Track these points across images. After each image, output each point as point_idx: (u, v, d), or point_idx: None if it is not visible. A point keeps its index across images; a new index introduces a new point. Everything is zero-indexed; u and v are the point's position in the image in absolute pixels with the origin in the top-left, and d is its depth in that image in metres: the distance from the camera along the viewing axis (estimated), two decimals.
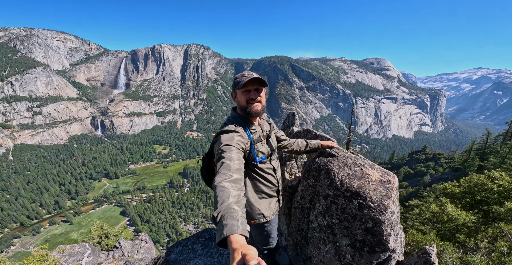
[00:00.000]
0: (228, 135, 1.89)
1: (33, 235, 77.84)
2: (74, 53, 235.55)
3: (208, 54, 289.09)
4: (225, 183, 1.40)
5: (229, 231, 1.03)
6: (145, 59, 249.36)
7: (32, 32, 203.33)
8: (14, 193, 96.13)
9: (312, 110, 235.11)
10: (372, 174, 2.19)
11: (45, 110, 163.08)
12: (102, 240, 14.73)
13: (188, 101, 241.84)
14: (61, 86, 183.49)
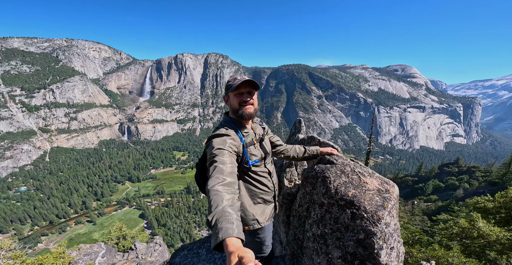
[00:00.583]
0: (220, 139, 1.88)
1: (59, 233, 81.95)
2: (107, 63, 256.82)
3: (227, 62, 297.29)
4: (218, 187, 1.39)
5: (225, 235, 1.03)
6: (168, 68, 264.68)
7: (73, 43, 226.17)
8: (47, 192, 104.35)
9: (331, 119, 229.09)
10: (370, 182, 2.11)
11: (80, 116, 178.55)
12: (120, 241, 15.23)
13: (207, 109, 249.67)
14: (95, 94, 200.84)
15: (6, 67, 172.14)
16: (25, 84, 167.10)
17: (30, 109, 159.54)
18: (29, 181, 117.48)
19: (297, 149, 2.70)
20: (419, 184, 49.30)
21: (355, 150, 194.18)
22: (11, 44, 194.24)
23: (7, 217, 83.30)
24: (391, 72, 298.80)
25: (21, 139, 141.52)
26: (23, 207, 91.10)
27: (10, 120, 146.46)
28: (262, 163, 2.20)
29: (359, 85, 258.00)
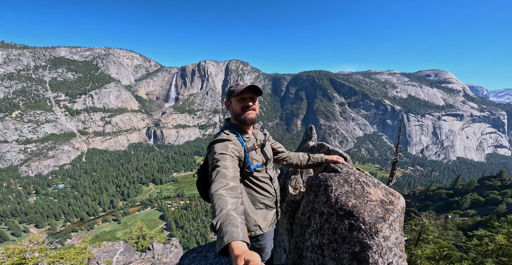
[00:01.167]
0: (221, 144, 1.90)
1: (87, 230, 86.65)
2: (138, 70, 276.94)
3: (247, 69, 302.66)
4: (221, 191, 1.40)
5: (230, 238, 1.03)
6: (192, 75, 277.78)
7: (110, 51, 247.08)
8: (81, 190, 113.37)
9: (354, 127, 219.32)
10: (374, 193, 2.03)
11: (114, 120, 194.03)
12: (139, 240, 15.74)
13: (228, 115, 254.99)
14: (127, 100, 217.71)
15: (54, 74, 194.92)
16: (69, 90, 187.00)
17: (72, 113, 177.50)
18: (66, 179, 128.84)
19: (300, 156, 2.67)
20: (454, 197, 46.89)
21: (380, 160, 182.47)
22: (59, 53, 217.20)
23: (44, 212, 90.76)
24: (423, 77, 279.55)
25: (63, 140, 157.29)
26: (59, 203, 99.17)
27: (55, 123, 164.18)
28: (263, 168, 2.21)
29: (386, 92, 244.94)
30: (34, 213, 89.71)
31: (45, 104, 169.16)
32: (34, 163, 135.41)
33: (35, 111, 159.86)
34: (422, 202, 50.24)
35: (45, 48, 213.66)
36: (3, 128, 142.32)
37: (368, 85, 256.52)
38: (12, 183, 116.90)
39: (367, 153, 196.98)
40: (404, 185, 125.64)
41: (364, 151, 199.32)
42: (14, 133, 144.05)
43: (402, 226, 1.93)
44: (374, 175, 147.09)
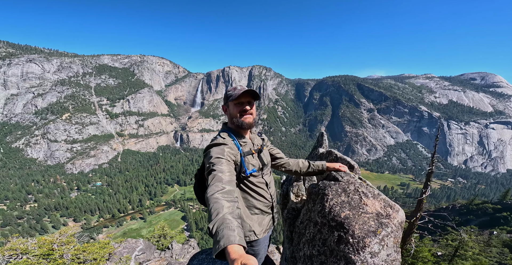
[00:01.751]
0: (217, 148, 1.89)
1: (117, 226, 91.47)
2: (168, 76, 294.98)
3: (270, 75, 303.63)
4: (217, 195, 1.40)
5: (227, 242, 1.03)
6: (216, 80, 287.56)
7: (144, 58, 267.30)
8: (115, 188, 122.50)
9: (384, 135, 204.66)
10: (371, 204, 1.93)
11: (146, 124, 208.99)
12: (161, 239, 16.19)
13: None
14: (158, 104, 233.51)
15: (98, 80, 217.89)
16: (110, 95, 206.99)
17: (111, 116, 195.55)
18: (103, 177, 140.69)
19: (300, 163, 2.63)
20: (502, 212, 43.23)
21: (414, 170, 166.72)
22: (102, 61, 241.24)
23: (82, 207, 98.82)
24: (466, 81, 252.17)
25: (103, 141, 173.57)
26: (96, 200, 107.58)
27: (97, 125, 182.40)
28: (259, 173, 2.19)
29: (422, 97, 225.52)
30: (74, 207, 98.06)
31: (90, 108, 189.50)
32: (78, 161, 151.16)
33: (82, 114, 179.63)
34: (463, 216, 46.79)
35: (92, 56, 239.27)
36: (55, 129, 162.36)
37: (401, 90, 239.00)
38: (58, 178, 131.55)
39: (398, 162, 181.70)
40: (442, 197, 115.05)
41: (395, 160, 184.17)
42: (63, 133, 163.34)
43: (398, 242, 1.79)
44: (407, 186, 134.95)
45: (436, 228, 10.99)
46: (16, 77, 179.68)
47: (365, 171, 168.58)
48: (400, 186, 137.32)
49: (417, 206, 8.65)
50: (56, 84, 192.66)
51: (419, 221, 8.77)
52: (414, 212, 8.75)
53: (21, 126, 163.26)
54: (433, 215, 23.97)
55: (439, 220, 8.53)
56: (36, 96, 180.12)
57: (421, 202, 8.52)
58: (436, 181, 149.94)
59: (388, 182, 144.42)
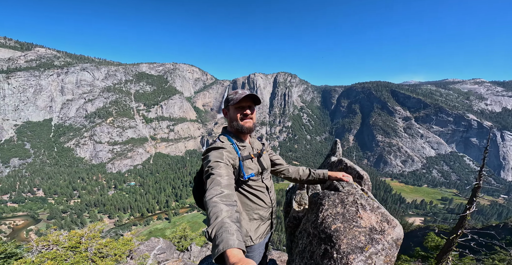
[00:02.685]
0: (216, 151, 1.89)
1: (145, 225, 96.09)
2: (197, 83, 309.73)
3: (295, 81, 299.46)
4: (216, 198, 1.40)
5: (226, 246, 1.03)
6: (242, 87, 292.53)
7: (176, 66, 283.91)
8: (146, 189, 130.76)
9: (423, 146, 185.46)
10: (367, 217, 1.80)
11: (176, 128, 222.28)
12: (181, 241, 16.55)
13: (274, 128, 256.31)
14: (187, 110, 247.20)
15: (137, 87, 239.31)
16: (146, 101, 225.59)
17: (147, 121, 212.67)
18: (137, 177, 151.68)
19: (300, 171, 2.58)
20: None
21: (459, 184, 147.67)
22: (141, 69, 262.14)
23: (117, 205, 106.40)
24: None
25: (139, 144, 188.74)
26: (129, 198, 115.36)
27: (135, 129, 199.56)
28: (259, 177, 2.17)
29: (470, 105, 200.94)
30: (110, 205, 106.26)
31: (129, 113, 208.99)
32: (117, 161, 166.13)
33: (122, 119, 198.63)
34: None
35: (132, 65, 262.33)
36: (100, 131, 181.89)
37: (444, 97, 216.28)
38: (100, 177, 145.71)
39: (440, 176, 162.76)
40: (492, 214, 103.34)
41: (436, 173, 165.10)
42: (107, 136, 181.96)
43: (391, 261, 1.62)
44: (449, 201, 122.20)
45: (481, 246, 9.50)
46: (72, 84, 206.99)
47: (399, 183, 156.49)
48: (440, 201, 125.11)
49: (459, 222, 8.07)
50: (103, 91, 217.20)
51: (460, 238, 8.15)
52: (454, 229, 8.13)
53: (73, 129, 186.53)
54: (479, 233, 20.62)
55: (485, 239, 7.30)
56: (87, 101, 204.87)
57: (464, 218, 7.93)
58: (486, 197, 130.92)
59: (427, 196, 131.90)
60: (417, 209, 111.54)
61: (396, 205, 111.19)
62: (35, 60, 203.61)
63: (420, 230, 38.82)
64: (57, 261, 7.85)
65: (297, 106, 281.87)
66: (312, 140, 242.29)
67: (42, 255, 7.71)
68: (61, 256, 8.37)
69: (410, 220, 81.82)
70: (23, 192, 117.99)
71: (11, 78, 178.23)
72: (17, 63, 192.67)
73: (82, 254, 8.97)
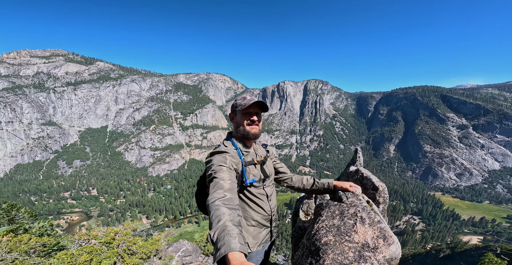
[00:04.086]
0: (220, 156, 1.91)
1: (176, 227, 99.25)
2: (228, 92, 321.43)
3: (327, 89, 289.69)
4: (218, 202, 1.40)
5: (227, 249, 1.03)
6: (271, 95, 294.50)
7: (209, 76, 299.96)
8: (180, 192, 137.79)
9: (484, 157, 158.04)
10: (363, 232, 1.65)
11: (209, 136, 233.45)
12: (207, 245, 17.09)
13: (305, 136, 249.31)
14: (219, 119, 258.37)
15: (175, 96, 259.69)
16: (183, 109, 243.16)
17: (183, 128, 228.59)
18: (173, 181, 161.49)
19: (304, 180, 2.54)
20: None
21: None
22: (179, 79, 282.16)
23: (154, 207, 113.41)
24: None
25: (176, 150, 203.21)
26: (164, 201, 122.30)
27: (173, 136, 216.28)
28: (260, 184, 2.15)
29: None
30: (148, 206, 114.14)
31: (168, 121, 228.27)
32: (157, 166, 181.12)
33: (163, 126, 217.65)
34: None
35: (171, 76, 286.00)
36: (144, 138, 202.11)
37: (510, 102, 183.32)
38: (142, 179, 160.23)
39: (506, 191, 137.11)
40: None
41: (501, 188, 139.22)
42: (149, 142, 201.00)
43: None
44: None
45: None
46: (123, 95, 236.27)
47: (452, 199, 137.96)
48: (506, 219, 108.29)
49: None
50: (148, 100, 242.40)
51: None
52: None
53: (123, 135, 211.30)
54: None
55: None
56: (135, 110, 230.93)
57: None
58: None
59: (488, 213, 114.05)
60: (475, 226, 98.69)
61: (447, 222, 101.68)
62: (96, 73, 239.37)
63: (476, 250, 34.01)
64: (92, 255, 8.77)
65: (329, 115, 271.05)
66: (346, 149, 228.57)
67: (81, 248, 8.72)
68: (96, 250, 9.34)
69: (465, 238, 71.85)
70: (81, 190, 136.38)
71: (78, 90, 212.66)
72: (82, 76, 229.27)
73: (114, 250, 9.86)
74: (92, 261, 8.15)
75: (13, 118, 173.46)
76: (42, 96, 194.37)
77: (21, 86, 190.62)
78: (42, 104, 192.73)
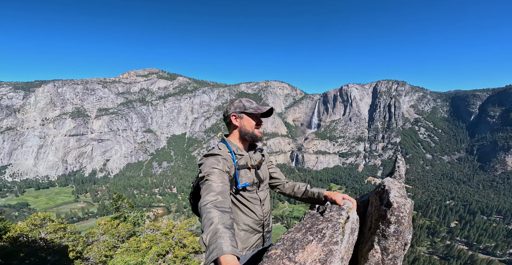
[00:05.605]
0: (213, 158, 1.90)
1: None
2: (287, 99, 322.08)
3: (404, 89, 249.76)
4: (210, 205, 1.41)
5: (219, 252, 1.03)
6: (333, 100, 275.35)
7: (268, 84, 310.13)
8: None
9: None
10: (309, 251, 1.52)
11: (268, 143, 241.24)
12: None
13: (375, 144, 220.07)
14: (279, 126, 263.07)
15: None
16: None
17: None
18: None
19: (295, 188, 2.48)
20: None
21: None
22: (241, 88, 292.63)
23: None
24: None
25: None
26: None
27: None
28: (253, 188, 2.14)
29: None
30: None
31: None
32: None
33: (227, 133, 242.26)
34: None
35: (234, 86, 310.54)
36: (213, 144, 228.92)
37: None
38: None
39: None
40: None
41: None
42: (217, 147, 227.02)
43: None
44: None
45: None
46: (197, 105, 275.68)
47: None
48: None
49: None
50: (216, 110, 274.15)
51: None
52: None
53: (197, 141, 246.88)
54: None
55: None
56: (206, 119, 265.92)
57: None
58: None
59: None
60: None
61: None
62: (177, 87, 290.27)
63: None
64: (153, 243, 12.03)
65: (409, 119, 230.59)
66: (435, 160, 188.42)
67: (145, 236, 12.16)
68: (157, 239, 12.67)
69: None
70: (165, 187, 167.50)
71: (166, 102, 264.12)
72: (168, 90, 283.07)
73: (169, 241, 13.02)
74: (151, 248, 11.26)
75: (127, 127, 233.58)
76: (144, 108, 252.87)
77: (131, 101, 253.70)
78: (144, 115, 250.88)
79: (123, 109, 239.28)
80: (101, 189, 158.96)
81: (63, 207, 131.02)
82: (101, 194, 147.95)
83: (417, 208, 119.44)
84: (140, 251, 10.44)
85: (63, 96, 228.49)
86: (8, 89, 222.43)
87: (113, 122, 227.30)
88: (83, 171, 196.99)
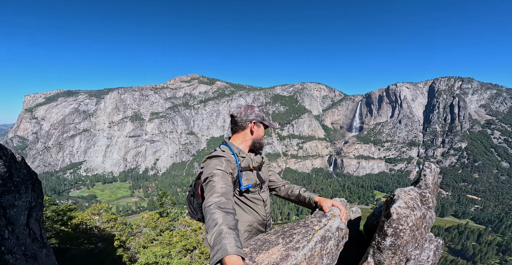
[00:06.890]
0: (216, 159, 1.92)
1: None
2: (325, 100, 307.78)
3: (472, 87, 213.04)
4: (214, 206, 1.43)
5: (224, 253, 1.04)
6: (379, 101, 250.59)
7: (304, 86, 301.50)
8: (273, 199, 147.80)
9: None
10: (270, 253, 1.56)
11: (304, 146, 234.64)
12: None
13: (432, 150, 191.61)
14: (315, 128, 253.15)
15: (273, 108, 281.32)
16: (280, 120, 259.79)
17: (280, 138, 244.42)
18: None
19: (289, 190, 2.56)
20: None
21: None
22: (276, 91, 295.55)
23: None
24: None
25: (273, 158, 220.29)
26: None
27: (271, 145, 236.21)
28: (256, 189, 2.19)
29: None
30: None
31: (268, 131, 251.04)
32: None
33: (263, 136, 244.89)
34: None
35: (269, 88, 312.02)
36: None
37: None
38: None
39: None
40: None
41: None
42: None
43: None
44: None
45: None
46: (234, 108, 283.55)
47: None
48: None
49: None
50: None
51: None
52: None
53: None
54: None
55: None
56: None
57: None
58: None
59: None
60: None
61: None
62: (216, 91, 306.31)
63: None
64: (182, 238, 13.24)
65: (479, 121, 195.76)
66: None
67: (177, 231, 13.47)
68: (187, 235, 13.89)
69: None
70: None
71: (206, 106, 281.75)
72: (208, 94, 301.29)
73: (198, 237, 14.13)
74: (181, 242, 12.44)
75: (173, 129, 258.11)
76: (187, 112, 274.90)
77: (177, 105, 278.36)
78: (187, 119, 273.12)
79: (170, 113, 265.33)
80: (151, 186, 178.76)
81: (121, 201, 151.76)
82: (151, 190, 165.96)
83: (486, 223, 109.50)
84: (171, 244, 11.61)
85: (124, 102, 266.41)
86: (84, 96, 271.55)
87: (162, 125, 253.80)
88: (138, 168, 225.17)
